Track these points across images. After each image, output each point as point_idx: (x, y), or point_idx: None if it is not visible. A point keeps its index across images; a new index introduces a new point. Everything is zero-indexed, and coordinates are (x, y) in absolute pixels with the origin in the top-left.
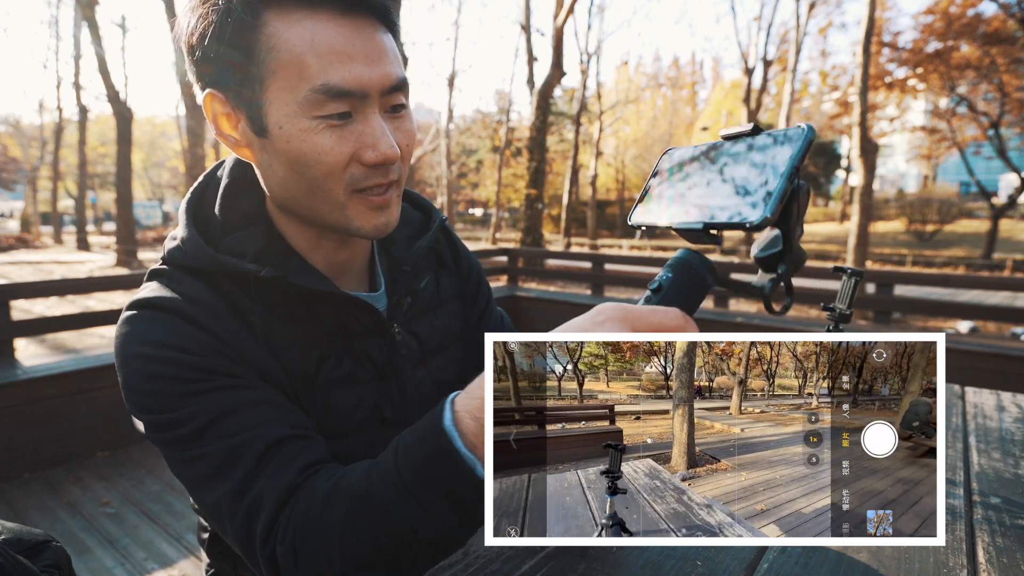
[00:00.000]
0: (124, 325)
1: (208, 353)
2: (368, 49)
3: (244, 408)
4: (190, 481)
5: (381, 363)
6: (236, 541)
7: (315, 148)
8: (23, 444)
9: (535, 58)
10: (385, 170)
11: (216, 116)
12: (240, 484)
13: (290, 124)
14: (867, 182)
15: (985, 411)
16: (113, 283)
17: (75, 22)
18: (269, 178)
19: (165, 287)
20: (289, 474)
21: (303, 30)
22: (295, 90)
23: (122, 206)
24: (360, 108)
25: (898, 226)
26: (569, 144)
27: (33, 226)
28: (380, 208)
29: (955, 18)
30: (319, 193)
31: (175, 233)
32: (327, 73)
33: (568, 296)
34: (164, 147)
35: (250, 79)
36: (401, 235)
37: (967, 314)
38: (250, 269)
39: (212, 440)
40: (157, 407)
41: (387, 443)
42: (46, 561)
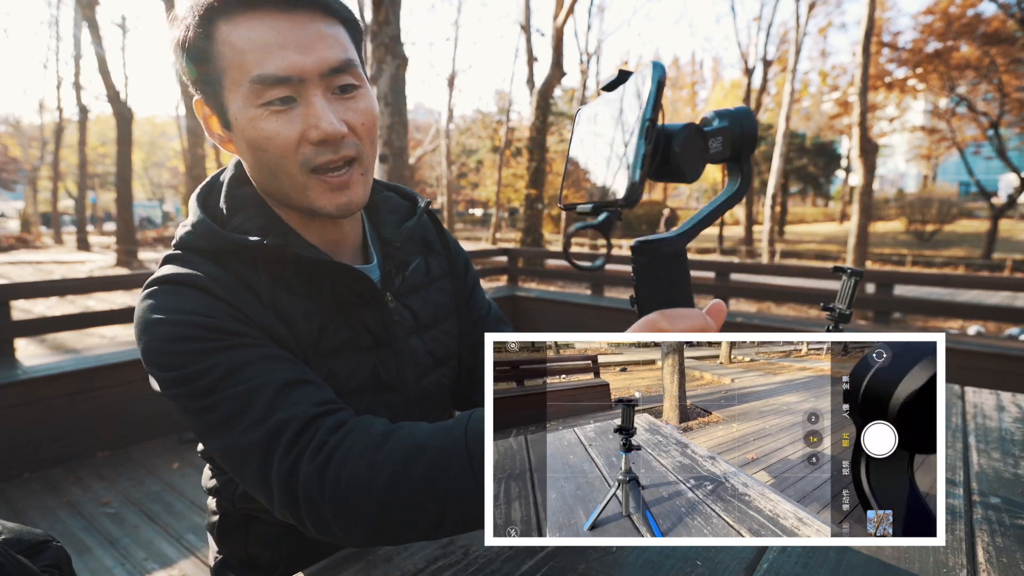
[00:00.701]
0: (146, 300)
1: (223, 317)
2: (301, 38)
3: (257, 361)
4: (206, 429)
5: (377, 331)
6: (251, 473)
7: (263, 133)
8: (23, 444)
9: (535, 58)
10: (334, 146)
11: (206, 118)
12: (260, 415)
13: (242, 115)
14: (867, 182)
15: (985, 411)
16: (113, 283)
17: (75, 22)
18: (247, 167)
19: (180, 266)
20: (308, 404)
21: (244, 30)
22: (241, 84)
23: (122, 206)
24: (302, 92)
25: (898, 226)
26: None
27: (33, 226)
28: (340, 188)
29: (955, 18)
30: (280, 175)
31: (186, 221)
32: (262, 64)
33: (568, 296)
34: (164, 147)
35: (212, 81)
36: (390, 220)
37: (967, 314)
38: (254, 241)
39: (227, 388)
40: (177, 364)
41: (385, 405)
42: (46, 561)
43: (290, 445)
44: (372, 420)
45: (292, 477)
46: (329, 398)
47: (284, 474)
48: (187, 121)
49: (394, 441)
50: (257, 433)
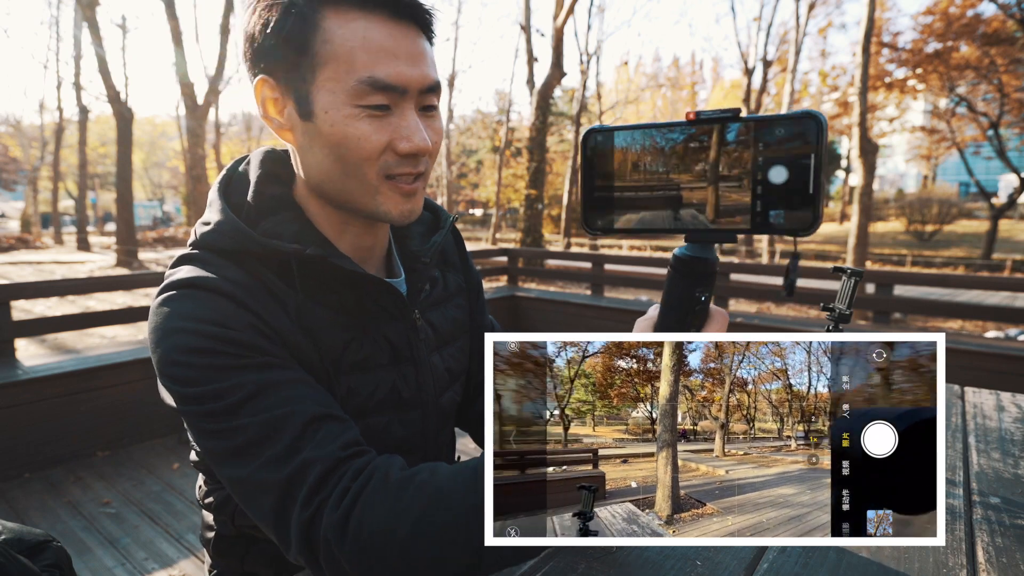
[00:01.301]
0: (162, 305)
1: (247, 330)
2: (411, 51)
3: (282, 385)
4: (221, 454)
5: (399, 346)
6: (266, 511)
7: (356, 133)
8: (23, 444)
9: (535, 58)
10: (415, 160)
11: (265, 100)
12: (283, 452)
13: (336, 110)
14: (867, 182)
15: (985, 411)
16: (113, 283)
17: (75, 22)
18: (307, 160)
19: (200, 268)
20: (334, 447)
21: (356, 28)
22: (343, 80)
23: (122, 206)
24: (398, 102)
25: (898, 226)
26: (569, 144)
27: (33, 226)
28: (408, 196)
29: (955, 18)
30: (354, 175)
31: (207, 218)
32: (374, 67)
33: (568, 296)
34: (164, 147)
35: (302, 68)
36: (416, 231)
37: (967, 314)
38: (292, 249)
39: (249, 414)
40: (194, 379)
41: (403, 423)
42: (46, 561)
43: (312, 493)
44: (390, 463)
45: (313, 526)
46: (354, 439)
47: (305, 523)
48: (187, 121)
49: (415, 488)
50: (279, 472)
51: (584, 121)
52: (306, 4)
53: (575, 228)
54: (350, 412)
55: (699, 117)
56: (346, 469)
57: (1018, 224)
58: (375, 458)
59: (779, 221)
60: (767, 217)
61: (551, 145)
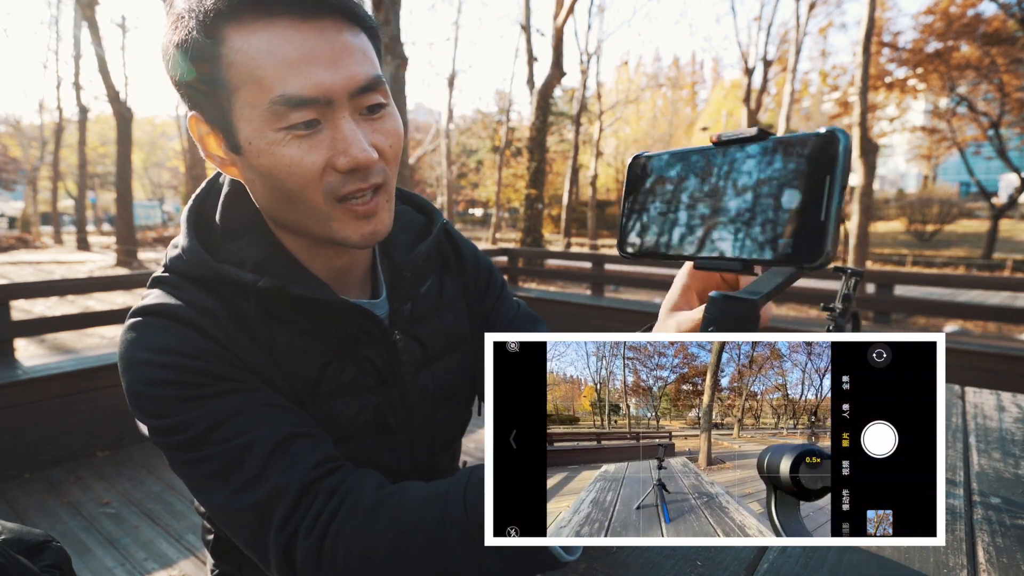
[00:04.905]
0: (128, 332)
1: (211, 358)
2: (329, 52)
3: (248, 409)
4: (196, 483)
5: (383, 370)
6: (245, 536)
7: (284, 161)
8: (23, 444)
9: (535, 58)
10: (363, 175)
11: (202, 137)
12: (250, 480)
13: (258, 139)
14: (867, 182)
15: (985, 411)
16: (113, 283)
17: (75, 22)
18: (255, 194)
19: (168, 294)
20: (304, 467)
21: (260, 41)
22: (257, 104)
23: (122, 206)
24: (328, 114)
25: (898, 226)
26: (569, 144)
27: (33, 226)
28: (366, 217)
29: (955, 18)
30: (300, 206)
31: (176, 241)
32: (285, 83)
33: (568, 296)
34: (164, 147)
35: (218, 97)
36: (401, 240)
37: (967, 314)
38: (248, 279)
39: (217, 442)
40: (161, 411)
41: (389, 449)
42: (46, 561)
43: (286, 518)
44: (363, 482)
45: (289, 552)
46: (327, 455)
47: (281, 548)
48: (187, 121)
49: (388, 511)
50: (251, 498)
51: (584, 121)
52: (204, 29)
53: (575, 228)
54: (332, 436)
55: (720, 140)
56: (318, 491)
57: (1019, 224)
58: (349, 475)
59: (786, 251)
60: (776, 246)
61: (551, 145)
